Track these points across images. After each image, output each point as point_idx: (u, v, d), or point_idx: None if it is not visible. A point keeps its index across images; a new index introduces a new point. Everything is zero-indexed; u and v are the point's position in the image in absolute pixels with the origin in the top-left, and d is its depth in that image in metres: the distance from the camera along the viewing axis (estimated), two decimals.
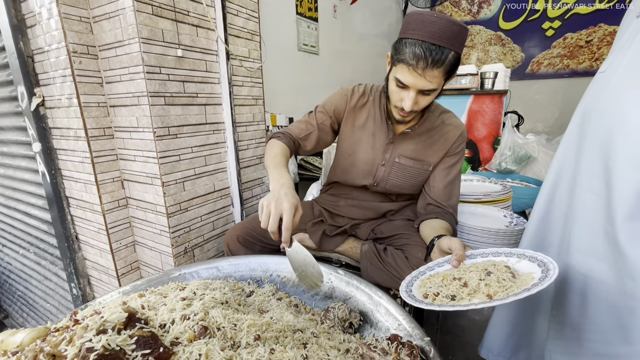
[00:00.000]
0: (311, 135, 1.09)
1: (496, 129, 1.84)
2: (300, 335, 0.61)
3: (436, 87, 0.84)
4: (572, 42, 4.61)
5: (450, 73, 0.83)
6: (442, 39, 0.77)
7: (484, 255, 0.70)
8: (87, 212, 1.27)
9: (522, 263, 0.62)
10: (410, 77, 0.82)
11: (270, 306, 0.84)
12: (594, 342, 0.59)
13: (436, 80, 0.82)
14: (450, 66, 0.81)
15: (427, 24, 0.77)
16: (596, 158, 0.58)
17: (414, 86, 0.83)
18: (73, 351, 0.39)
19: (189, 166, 1.24)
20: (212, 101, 1.30)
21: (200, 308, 0.55)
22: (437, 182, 1.06)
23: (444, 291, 0.64)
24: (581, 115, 0.64)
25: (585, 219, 0.60)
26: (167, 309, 0.54)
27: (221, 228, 1.42)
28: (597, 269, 0.58)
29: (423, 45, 0.77)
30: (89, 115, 1.14)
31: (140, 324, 0.46)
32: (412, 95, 0.85)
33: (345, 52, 3.25)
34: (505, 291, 0.57)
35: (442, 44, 0.77)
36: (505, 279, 0.59)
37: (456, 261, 0.72)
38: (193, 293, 0.63)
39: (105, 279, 1.34)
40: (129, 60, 1.07)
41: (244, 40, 1.40)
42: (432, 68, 0.78)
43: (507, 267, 0.62)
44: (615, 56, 0.58)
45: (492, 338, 0.88)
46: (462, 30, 0.80)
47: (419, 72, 0.80)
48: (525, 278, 0.58)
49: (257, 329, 0.55)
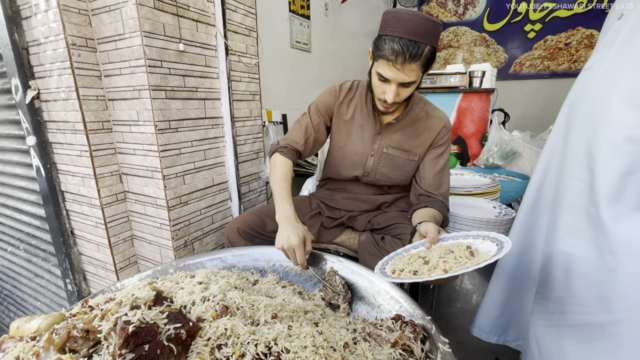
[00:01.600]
0: (309, 139, 1.15)
1: (484, 126, 1.92)
2: (311, 315, 0.65)
3: (415, 79, 0.90)
4: (552, 44, 4.80)
5: (427, 66, 0.89)
6: (418, 35, 0.82)
7: (454, 238, 0.78)
8: (84, 207, 1.27)
9: (485, 244, 0.71)
10: (390, 71, 0.88)
11: (276, 292, 0.87)
12: (577, 314, 0.64)
13: (414, 74, 0.88)
14: (426, 59, 0.87)
15: (403, 21, 0.83)
16: (581, 147, 0.64)
17: (395, 80, 0.89)
18: (108, 326, 0.41)
19: (189, 160, 1.25)
20: (211, 96, 1.31)
21: (218, 290, 0.57)
22: (426, 172, 1.11)
23: (408, 268, 0.75)
24: (568, 108, 0.69)
25: (569, 202, 0.66)
26: (185, 292, 0.57)
27: (220, 222, 1.44)
28: (580, 247, 0.63)
29: (401, 41, 0.83)
30: (88, 108, 1.14)
31: (167, 302, 0.48)
32: (393, 88, 0.91)
33: (336, 50, 3.29)
34: (460, 267, 0.66)
35: (418, 40, 0.83)
36: (462, 257, 0.68)
37: (428, 243, 0.80)
38: (207, 278, 0.66)
39: (103, 274, 1.34)
40: (130, 54, 1.08)
41: (241, 36, 1.42)
42: (410, 62, 0.84)
43: (468, 247, 0.71)
44: (599, 54, 0.64)
45: (484, 318, 0.94)
46: (435, 25, 0.85)
47: (397, 67, 0.85)
48: (482, 256, 0.67)
49: (273, 308, 0.58)
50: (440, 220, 1.00)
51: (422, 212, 1.01)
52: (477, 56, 5.33)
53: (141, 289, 0.49)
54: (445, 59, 5.30)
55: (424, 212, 1.01)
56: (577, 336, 0.65)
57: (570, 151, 0.67)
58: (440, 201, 1.08)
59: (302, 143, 1.14)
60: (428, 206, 1.05)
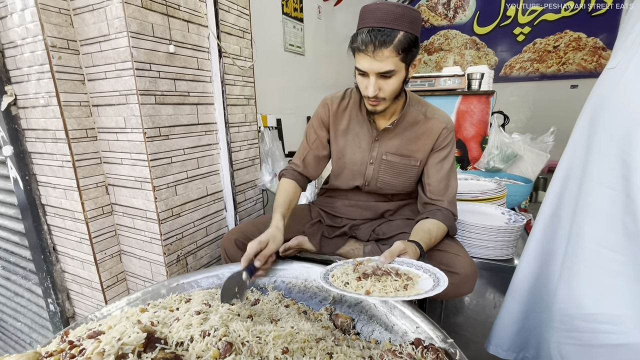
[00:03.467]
0: (307, 158, 1.16)
1: (484, 128, 1.89)
2: (324, 344, 0.58)
3: (392, 67, 0.86)
4: (541, 47, 4.86)
5: (405, 53, 0.85)
6: (387, 21, 0.82)
7: (409, 265, 0.78)
8: (66, 221, 1.17)
9: (427, 281, 0.71)
10: (364, 61, 0.86)
11: (279, 314, 0.80)
12: (611, 333, 0.59)
13: (389, 61, 0.85)
14: (401, 45, 0.83)
15: (372, 11, 0.84)
16: (610, 153, 0.59)
17: (370, 70, 0.86)
18: None
19: (181, 169, 1.17)
20: (204, 100, 1.24)
21: (219, 322, 0.50)
22: (431, 178, 1.06)
23: (344, 277, 0.75)
24: (591, 111, 0.65)
25: (599, 211, 0.61)
26: (182, 324, 0.49)
27: (214, 234, 1.36)
28: (615, 261, 0.58)
29: (370, 30, 0.83)
30: (70, 115, 1.05)
31: (160, 344, 0.41)
32: (372, 80, 0.88)
33: (329, 53, 3.24)
34: (383, 294, 0.68)
35: (387, 26, 0.82)
36: (391, 286, 0.69)
37: (383, 257, 0.79)
38: (206, 305, 0.58)
39: (88, 293, 1.24)
40: (116, 56, 1.00)
41: (235, 37, 1.35)
42: (381, 48, 0.82)
43: (409, 278, 0.72)
44: (625, 53, 0.60)
45: (501, 334, 0.88)
46: (406, 11, 0.83)
47: (369, 55, 0.84)
48: (411, 292, 0.68)
49: (283, 340, 0.51)
50: (440, 232, 0.95)
51: (419, 227, 0.96)
52: (467, 59, 5.37)
53: (129, 328, 0.42)
54: (437, 62, 5.33)
55: (420, 227, 0.96)
56: (611, 356, 0.60)
57: (596, 157, 0.62)
58: (445, 209, 1.03)
59: (300, 163, 1.16)
60: (429, 217, 0.99)
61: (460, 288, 0.88)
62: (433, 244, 0.93)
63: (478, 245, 1.09)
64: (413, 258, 0.81)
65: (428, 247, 0.90)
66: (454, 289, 0.89)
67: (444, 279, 0.69)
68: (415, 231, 0.94)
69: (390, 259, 0.80)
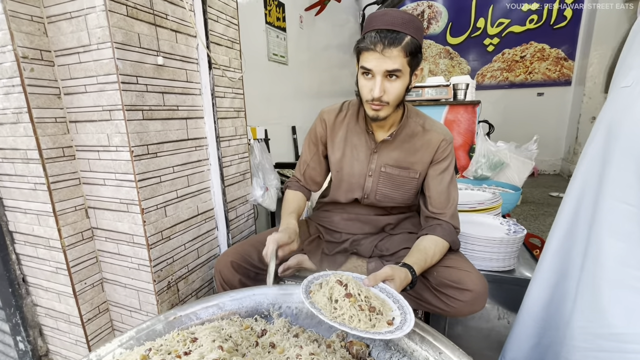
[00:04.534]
0: (306, 173, 1.17)
1: (471, 137, 1.94)
2: None
3: (399, 67, 0.86)
4: (509, 57, 5.13)
5: (412, 57, 0.87)
6: (396, 24, 0.84)
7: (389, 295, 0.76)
8: (39, 249, 1.05)
9: (396, 318, 0.70)
10: (372, 58, 0.86)
11: (290, 346, 0.74)
12: (635, 353, 0.59)
13: (398, 60, 0.85)
14: (409, 48, 0.85)
15: (380, 16, 0.87)
16: (630, 170, 0.59)
17: (378, 68, 0.86)
18: None
19: (171, 188, 1.09)
20: (193, 114, 1.17)
21: None
22: (432, 191, 1.05)
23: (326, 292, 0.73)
24: (607, 128, 0.65)
25: (619, 228, 0.61)
26: None
27: (206, 255, 1.28)
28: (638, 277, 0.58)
29: (379, 31, 0.85)
30: (44, 132, 0.95)
31: None
32: (378, 81, 0.88)
33: (311, 62, 3.23)
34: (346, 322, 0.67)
35: (396, 29, 0.84)
36: (359, 316, 0.68)
37: (367, 280, 0.77)
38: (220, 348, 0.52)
39: (65, 328, 1.12)
40: (98, 68, 0.91)
41: (224, 48, 1.30)
42: (390, 47, 0.84)
43: (379, 312, 0.70)
44: (638, 71, 0.61)
45: (515, 349, 0.87)
46: (412, 18, 0.87)
47: (378, 52, 0.85)
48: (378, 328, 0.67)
49: None
50: (438, 249, 0.93)
51: (416, 246, 0.94)
52: (442, 68, 5.56)
53: None
54: None
55: (416, 246, 0.94)
56: None
57: (615, 173, 0.62)
58: (446, 222, 1.01)
59: (301, 177, 1.18)
60: (429, 233, 0.97)
61: (474, 305, 0.86)
62: (430, 263, 0.91)
63: (481, 258, 1.08)
64: (399, 285, 0.79)
65: (423, 268, 0.88)
66: (467, 306, 0.88)
67: (410, 323, 0.67)
68: (411, 251, 0.92)
69: (374, 283, 0.77)
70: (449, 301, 0.88)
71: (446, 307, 0.89)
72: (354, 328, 0.66)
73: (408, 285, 0.83)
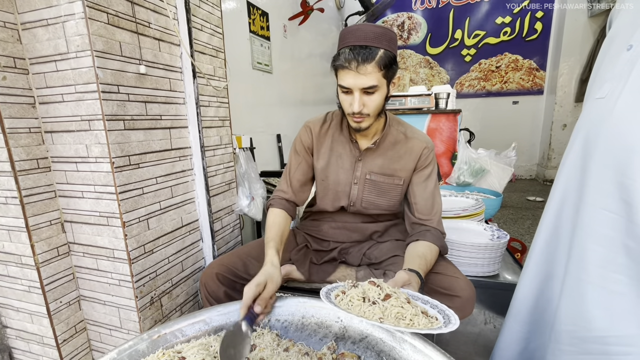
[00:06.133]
0: (293, 184, 1.13)
1: (453, 145, 1.99)
2: None
3: (376, 82, 0.88)
4: (485, 67, 5.34)
5: (387, 69, 0.89)
6: (368, 39, 0.86)
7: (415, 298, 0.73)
8: (9, 267, 0.99)
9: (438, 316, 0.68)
10: (348, 77, 0.88)
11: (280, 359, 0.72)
12: (624, 355, 0.61)
13: (373, 77, 0.87)
14: (383, 62, 0.87)
15: (353, 31, 0.88)
16: (608, 178, 0.62)
17: (355, 86, 0.88)
18: None
19: (154, 200, 1.05)
20: (177, 124, 1.14)
21: None
22: (417, 197, 1.07)
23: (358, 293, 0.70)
24: (584, 139, 0.68)
25: (600, 235, 0.63)
26: None
27: (190, 268, 1.24)
28: (621, 282, 0.61)
29: (352, 48, 0.86)
30: (17, 143, 0.90)
31: None
32: (357, 96, 0.90)
33: (295, 70, 3.25)
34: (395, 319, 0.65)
35: (369, 44, 0.86)
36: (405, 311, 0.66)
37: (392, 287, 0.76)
38: None
39: (37, 350, 1.05)
40: (77, 77, 0.88)
41: (209, 57, 1.28)
42: (364, 63, 0.85)
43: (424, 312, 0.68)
44: (611, 83, 0.64)
45: (503, 354, 0.88)
46: (385, 31, 0.88)
47: (353, 70, 0.86)
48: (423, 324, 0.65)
49: None
50: (433, 255, 0.94)
51: (413, 252, 0.95)
52: (422, 77, 5.72)
53: None
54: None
55: (414, 252, 0.94)
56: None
57: (594, 182, 0.65)
58: (434, 228, 1.03)
59: (287, 189, 1.13)
60: (420, 239, 0.99)
61: (463, 311, 0.87)
62: (428, 269, 0.92)
63: (467, 264, 1.10)
64: (416, 289, 0.79)
65: (425, 273, 0.89)
66: (457, 312, 0.89)
67: (455, 316, 0.66)
68: (411, 258, 0.92)
69: (397, 286, 0.76)
70: None
71: None
72: (412, 327, 0.63)
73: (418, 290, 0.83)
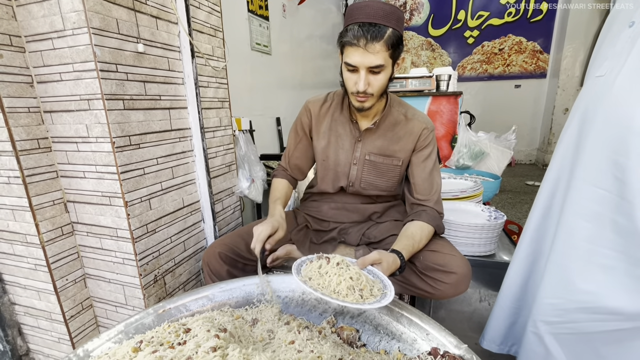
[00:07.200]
0: (291, 161, 1.19)
1: (453, 128, 1.98)
2: None
3: (383, 62, 0.88)
4: (488, 49, 5.24)
5: (393, 49, 0.88)
6: (377, 17, 0.85)
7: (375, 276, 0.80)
8: (15, 246, 1.01)
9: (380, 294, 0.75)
10: (356, 55, 0.87)
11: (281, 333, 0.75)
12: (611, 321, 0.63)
13: (380, 56, 0.86)
14: (391, 41, 0.86)
15: (362, 8, 0.86)
16: (602, 155, 0.63)
17: (362, 64, 0.87)
18: None
19: (155, 180, 1.06)
20: (176, 104, 1.14)
21: (242, 358, 0.45)
22: (416, 178, 1.08)
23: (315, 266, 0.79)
24: (581, 118, 0.69)
25: (587, 210, 0.65)
26: None
27: (193, 248, 1.26)
28: (609, 256, 0.63)
29: (362, 25, 0.85)
30: (17, 123, 0.90)
31: None
32: (363, 75, 0.89)
33: (294, 52, 3.19)
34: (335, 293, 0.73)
35: (378, 22, 0.85)
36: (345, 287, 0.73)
37: (357, 263, 0.81)
38: (217, 336, 0.52)
39: (46, 326, 1.08)
40: (74, 55, 0.87)
41: (207, 36, 1.26)
42: (373, 42, 0.84)
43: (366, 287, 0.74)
44: (612, 61, 0.64)
45: (494, 329, 0.92)
46: (393, 9, 0.87)
47: (362, 48, 0.85)
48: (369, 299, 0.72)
49: None
50: (424, 234, 0.96)
51: (403, 232, 0.97)
52: (423, 59, 5.62)
53: None
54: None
55: (404, 232, 0.97)
56: (611, 338, 0.64)
57: (587, 158, 0.66)
58: (431, 208, 1.05)
59: (287, 166, 1.21)
60: (415, 219, 1.00)
61: (457, 287, 0.90)
62: (417, 248, 0.94)
63: (464, 243, 1.13)
64: (388, 270, 0.82)
65: (411, 253, 0.91)
66: (452, 288, 0.91)
67: (390, 297, 0.72)
68: (399, 238, 0.95)
69: (362, 266, 0.80)
70: (435, 284, 0.91)
71: (432, 289, 0.92)
72: (344, 300, 0.70)
73: (397, 270, 0.85)
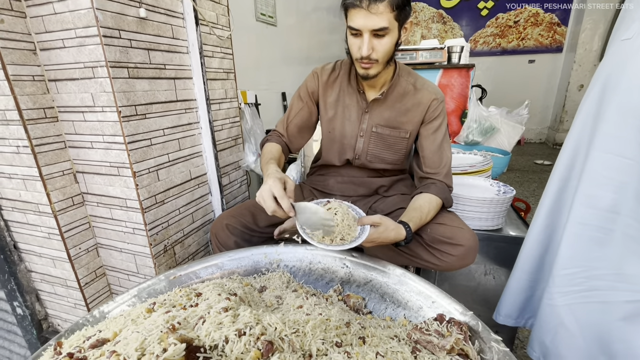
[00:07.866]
0: (290, 126, 1.11)
1: (463, 102, 1.93)
2: (355, 329, 0.56)
3: (387, 24, 0.84)
4: (502, 22, 5.01)
5: (399, 10, 0.84)
6: None
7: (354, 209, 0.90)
8: (29, 215, 1.03)
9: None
10: (358, 17, 0.84)
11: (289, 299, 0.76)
12: (629, 291, 0.63)
13: (384, 17, 0.83)
14: (395, 2, 0.82)
15: None
16: (626, 123, 0.60)
17: (365, 27, 0.84)
18: None
19: (162, 152, 1.06)
20: (181, 74, 1.11)
21: (252, 318, 0.46)
22: (425, 151, 1.06)
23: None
24: (602, 84, 0.66)
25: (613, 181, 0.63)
26: (211, 324, 0.44)
27: (201, 220, 1.27)
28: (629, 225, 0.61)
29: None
30: (22, 92, 0.89)
31: (201, 353, 0.36)
32: (366, 39, 0.86)
33: (301, 25, 3.08)
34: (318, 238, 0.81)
35: None
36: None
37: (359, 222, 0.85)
38: (228, 299, 0.53)
39: (62, 292, 1.12)
40: (76, 20, 0.85)
41: (210, 2, 1.21)
42: (376, 2, 0.81)
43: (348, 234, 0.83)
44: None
45: (510, 303, 0.92)
46: None
47: (364, 9, 0.82)
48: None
49: (320, 330, 0.48)
50: (432, 206, 0.95)
51: (411, 204, 0.96)
52: (434, 32, 5.40)
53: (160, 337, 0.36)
54: None
55: (412, 205, 0.96)
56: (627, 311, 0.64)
57: (608, 127, 0.63)
58: (440, 181, 1.03)
59: (284, 132, 1.12)
60: (423, 192, 0.99)
61: (464, 260, 0.90)
62: (425, 220, 0.94)
63: (472, 217, 1.12)
64: (392, 237, 0.84)
65: (418, 225, 0.91)
66: (458, 261, 0.92)
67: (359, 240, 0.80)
68: (407, 210, 0.94)
69: (360, 224, 0.84)
70: (442, 256, 0.91)
71: (439, 261, 0.92)
72: (321, 243, 0.79)
73: (403, 240, 0.85)
